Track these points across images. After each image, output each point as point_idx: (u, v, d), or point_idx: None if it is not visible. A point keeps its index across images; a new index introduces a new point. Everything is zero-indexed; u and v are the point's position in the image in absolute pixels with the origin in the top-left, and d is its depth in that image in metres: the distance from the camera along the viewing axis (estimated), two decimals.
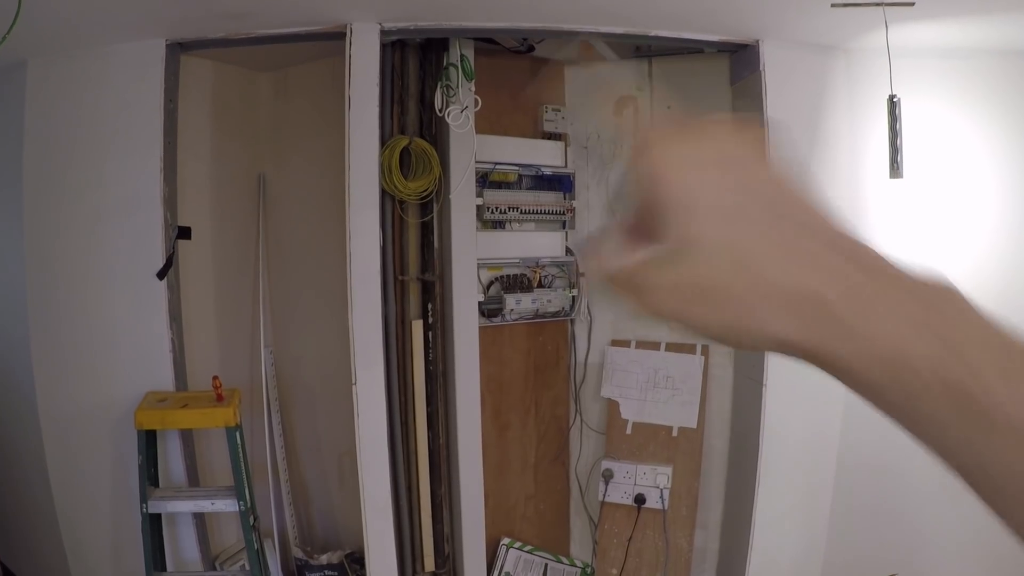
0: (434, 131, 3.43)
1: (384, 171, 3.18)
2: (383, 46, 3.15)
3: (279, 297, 4.03)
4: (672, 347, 3.87)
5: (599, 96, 4.01)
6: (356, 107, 2.99)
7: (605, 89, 4.01)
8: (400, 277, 3.37)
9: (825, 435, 3.48)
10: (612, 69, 4.00)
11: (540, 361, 3.97)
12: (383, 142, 3.23)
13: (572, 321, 4.04)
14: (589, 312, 3.99)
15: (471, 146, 3.39)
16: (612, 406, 3.99)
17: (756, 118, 3.34)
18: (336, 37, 3.07)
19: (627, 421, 3.93)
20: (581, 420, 4.13)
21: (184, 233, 3.41)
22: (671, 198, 0.43)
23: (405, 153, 3.31)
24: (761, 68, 3.33)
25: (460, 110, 3.23)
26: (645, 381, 3.91)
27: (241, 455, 3.15)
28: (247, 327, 3.93)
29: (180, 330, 3.40)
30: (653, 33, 3.31)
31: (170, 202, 3.30)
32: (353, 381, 3.00)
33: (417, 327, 3.42)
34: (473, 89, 3.28)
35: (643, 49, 3.92)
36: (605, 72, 4.01)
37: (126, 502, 3.17)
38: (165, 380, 3.27)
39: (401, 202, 3.33)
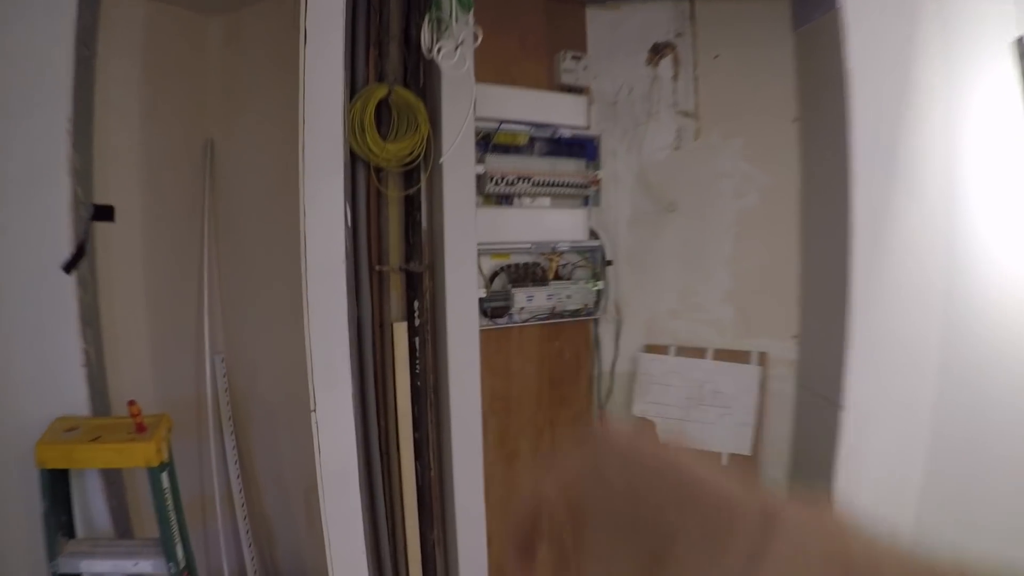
0: (422, 80, 2.67)
1: (355, 129, 2.43)
2: None
3: (232, 292, 3.24)
4: (722, 354, 3.14)
5: (629, 42, 3.24)
6: (315, 41, 2.22)
7: (636, 34, 3.24)
8: (377, 267, 2.62)
9: (909, 472, 2.75)
10: (645, 9, 3.24)
11: (556, 371, 3.22)
12: (354, 91, 2.49)
13: (596, 321, 3.28)
14: (618, 310, 3.23)
15: (469, 97, 2.62)
16: (646, 427, 3.20)
17: (829, 71, 2.67)
18: None
19: None
20: None
21: (103, 214, 2.67)
22: None
23: (383, 107, 2.58)
24: (839, 4, 2.60)
25: (454, 47, 2.45)
26: (688, 397, 3.20)
27: (170, 502, 2.40)
28: (191, 330, 3.17)
29: (97, 337, 2.71)
30: None
31: (83, 175, 2.60)
32: (312, 407, 2.24)
33: (400, 331, 2.66)
34: (472, 21, 2.50)
35: None
36: (636, 13, 3.26)
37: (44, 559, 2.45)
38: (78, 402, 2.56)
39: (378, 170, 2.58)
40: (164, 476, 2.37)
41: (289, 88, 2.26)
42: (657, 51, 3.21)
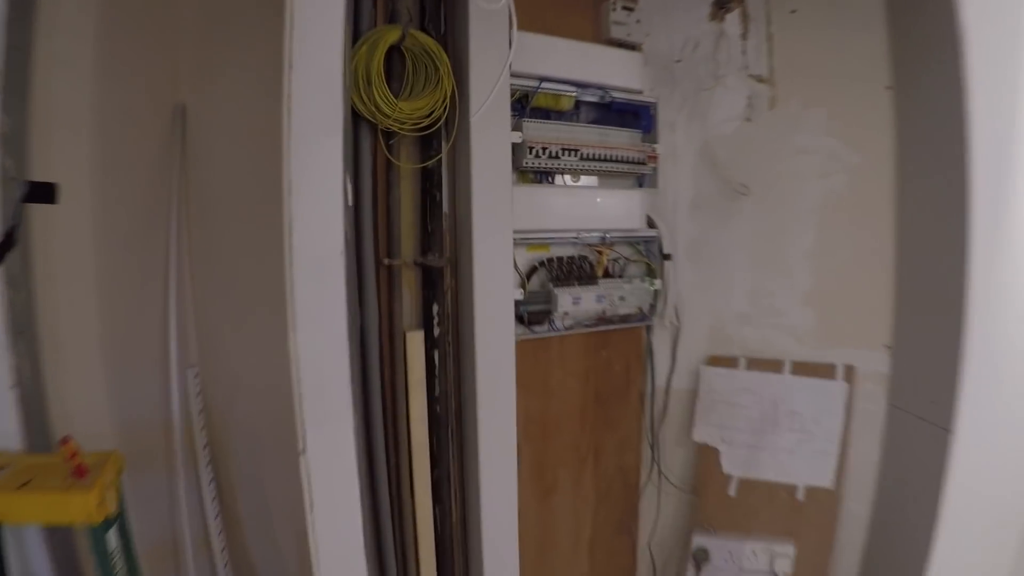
0: (444, 22, 2.12)
1: (358, 81, 1.89)
2: None
3: (207, 290, 2.67)
4: (802, 368, 2.62)
5: None
6: None
7: None
8: (386, 261, 2.06)
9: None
10: None
11: (603, 387, 2.67)
12: (357, 35, 1.95)
13: (649, 328, 2.72)
14: (677, 314, 2.68)
15: (505, 44, 2.06)
16: (707, 454, 2.73)
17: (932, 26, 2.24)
18: None
19: (730, 477, 2.70)
20: (659, 473, 2.86)
21: (42, 193, 2.09)
22: None
23: (395, 56, 2.04)
24: None
25: None
26: (761, 418, 2.67)
27: (120, 566, 1.85)
28: (156, 337, 2.60)
29: (33, 349, 2.19)
30: None
31: (13, 143, 2.09)
32: (300, 447, 1.68)
33: (415, 342, 2.10)
34: None
35: None
36: None
37: None
38: (7, 433, 2.01)
39: (388, 135, 2.03)
40: (111, 534, 1.81)
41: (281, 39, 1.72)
42: (722, 4, 2.67)
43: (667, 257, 2.60)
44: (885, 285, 2.51)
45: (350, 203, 1.76)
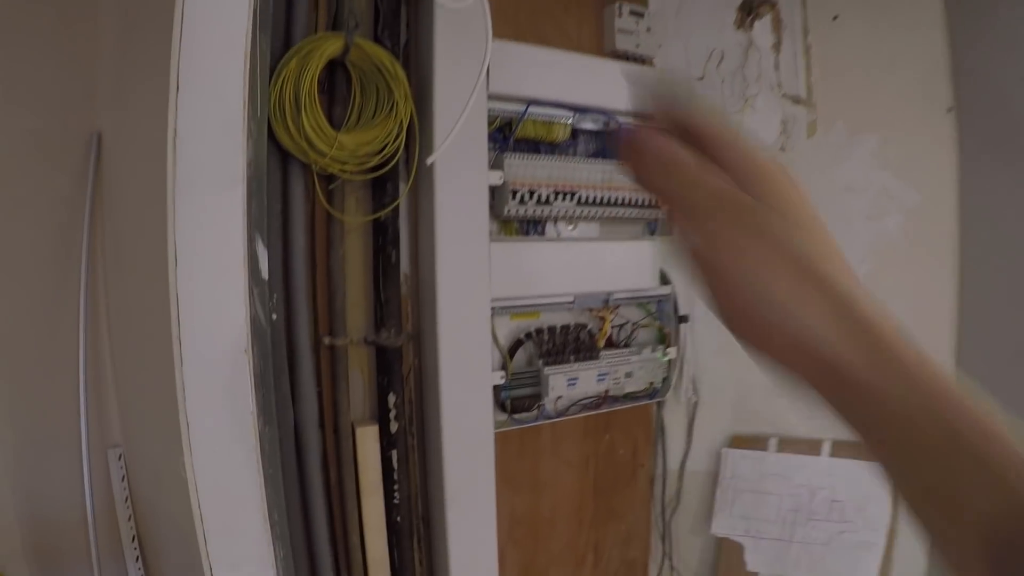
0: (403, 31, 1.66)
1: (284, 107, 1.43)
2: None
3: (129, 351, 2.24)
4: (843, 448, 2.21)
5: None
6: None
7: None
8: (327, 340, 1.59)
9: None
10: None
11: (605, 476, 2.22)
12: (288, 44, 1.49)
13: (660, 404, 2.27)
14: (695, 387, 2.23)
15: (479, 55, 1.59)
16: (729, 549, 2.31)
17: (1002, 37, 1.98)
18: None
19: (756, 575, 2.28)
20: (671, 568, 2.40)
21: None
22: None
23: (339, 73, 1.58)
24: None
25: None
26: (793, 509, 2.24)
27: None
28: (70, 410, 2.17)
29: None
30: None
31: None
32: None
33: (367, 438, 1.64)
34: None
35: None
36: None
37: None
38: None
39: (328, 178, 1.56)
40: None
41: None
42: (750, 9, 2.24)
43: (684, 319, 2.14)
44: (946, 344, 2.15)
45: (264, 275, 1.29)
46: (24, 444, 2.12)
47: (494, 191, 1.74)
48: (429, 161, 1.53)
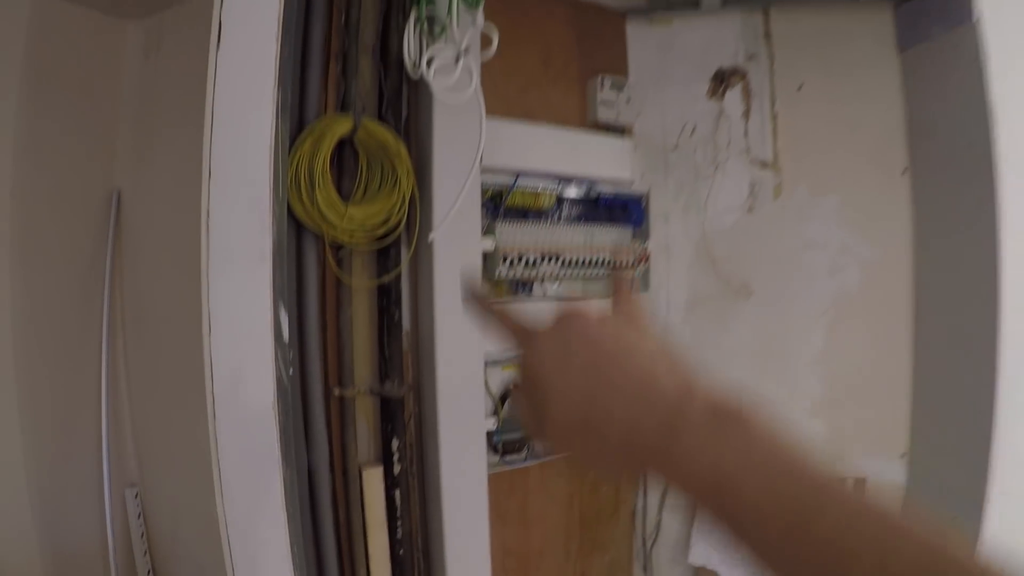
0: (405, 112, 1.84)
1: (300, 183, 1.60)
2: None
3: (146, 398, 2.38)
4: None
5: (685, 67, 2.44)
6: (234, 43, 1.40)
7: (694, 56, 2.44)
8: (337, 391, 1.75)
9: None
10: (704, 24, 2.44)
11: (590, 510, 2.36)
12: (301, 125, 1.66)
13: None
14: None
15: (475, 135, 1.78)
16: None
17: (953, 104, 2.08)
18: None
19: None
20: None
21: None
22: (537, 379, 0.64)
23: (346, 151, 1.74)
24: (976, 17, 1.94)
25: (454, 57, 1.62)
26: None
27: None
28: (91, 453, 2.30)
29: None
30: None
31: None
32: None
33: (373, 479, 1.80)
34: (481, 21, 1.67)
35: None
36: (693, 29, 2.45)
37: None
38: None
39: (337, 246, 1.73)
40: None
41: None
42: (722, 79, 2.39)
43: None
44: (902, 390, 2.24)
45: (285, 338, 1.46)
46: (47, 483, 2.24)
47: (486, 256, 1.92)
48: (430, 239, 1.71)
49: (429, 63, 1.60)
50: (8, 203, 2.14)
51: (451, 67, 1.63)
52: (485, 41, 1.70)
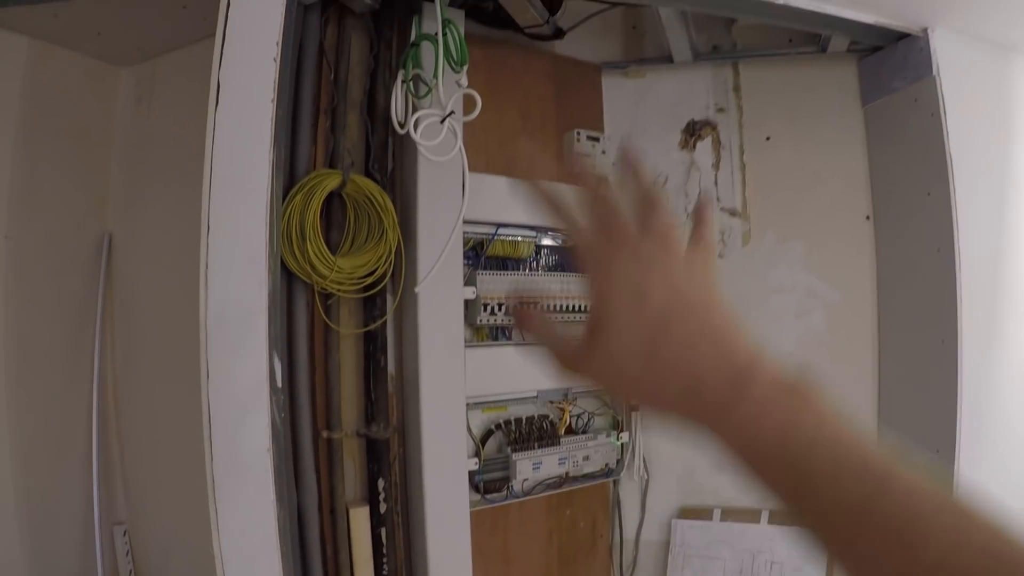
0: (390, 166, 1.93)
1: (292, 236, 1.68)
2: (303, 5, 1.72)
3: (136, 439, 2.44)
4: (781, 516, 2.39)
5: (657, 119, 2.56)
6: (232, 102, 1.48)
7: (666, 108, 2.56)
8: (325, 434, 1.82)
9: None
10: (676, 78, 2.56)
11: (568, 546, 2.42)
12: (292, 180, 1.75)
13: (616, 482, 2.50)
14: (645, 466, 2.46)
15: (457, 188, 1.88)
16: None
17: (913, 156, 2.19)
18: None
19: None
20: None
21: None
22: (604, 297, 0.62)
23: (335, 202, 1.84)
24: (935, 72, 2.06)
25: (440, 119, 1.72)
26: (738, 571, 2.44)
27: None
28: (81, 492, 2.35)
29: None
30: (782, 0, 1.88)
31: None
32: None
33: (360, 518, 1.86)
34: (465, 83, 1.76)
35: (723, 48, 2.52)
36: (665, 82, 2.57)
37: None
38: None
39: (326, 295, 1.81)
40: None
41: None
42: (693, 131, 2.51)
43: (634, 407, 2.40)
44: (868, 428, 2.29)
45: (280, 375, 1.54)
46: (37, 522, 2.28)
47: (468, 304, 2.00)
48: (417, 290, 1.80)
49: (416, 124, 1.69)
50: (1, 243, 2.20)
51: (437, 127, 1.72)
52: (468, 101, 1.79)
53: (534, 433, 2.17)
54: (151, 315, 2.39)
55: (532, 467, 2.12)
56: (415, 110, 1.74)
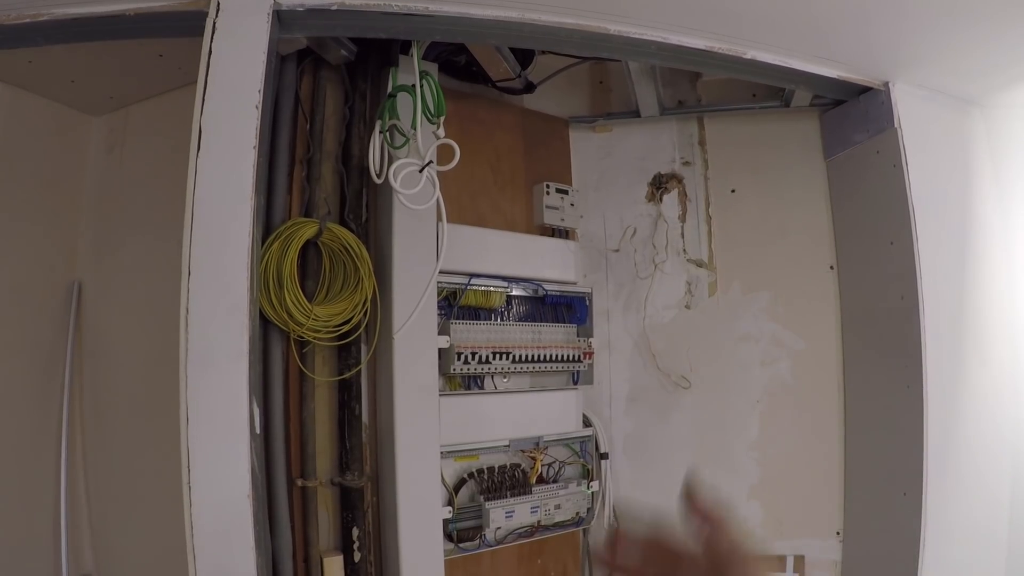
0: (365, 215, 1.96)
1: (269, 284, 1.69)
2: (280, 55, 1.76)
3: (104, 488, 2.41)
4: (751, 561, 2.38)
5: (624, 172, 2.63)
6: (213, 151, 1.50)
7: (633, 162, 2.62)
8: (299, 482, 1.82)
9: None
10: (642, 132, 2.63)
11: None
12: (268, 229, 1.77)
13: (586, 531, 2.50)
14: (615, 515, 2.47)
15: (432, 239, 1.91)
16: None
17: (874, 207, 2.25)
18: (192, 26, 1.59)
19: None
20: None
21: None
22: None
23: (311, 250, 1.86)
24: (896, 124, 2.12)
25: (419, 168, 1.75)
26: None
27: None
28: (47, 541, 2.31)
29: None
30: (749, 55, 1.95)
31: None
32: None
33: (333, 567, 1.85)
34: (443, 133, 1.79)
35: (688, 103, 2.60)
36: (632, 136, 2.64)
37: None
38: None
39: (301, 342, 1.82)
40: None
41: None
42: (659, 184, 2.57)
43: (604, 456, 2.41)
44: (835, 471, 2.37)
45: (258, 431, 1.54)
46: (5, 573, 2.23)
47: (442, 352, 2.02)
48: (396, 335, 1.81)
49: (394, 172, 1.72)
50: None
51: (415, 176, 1.75)
52: (444, 152, 1.82)
53: (506, 482, 2.17)
54: (120, 364, 2.38)
55: (505, 515, 2.12)
56: (392, 160, 1.77)
